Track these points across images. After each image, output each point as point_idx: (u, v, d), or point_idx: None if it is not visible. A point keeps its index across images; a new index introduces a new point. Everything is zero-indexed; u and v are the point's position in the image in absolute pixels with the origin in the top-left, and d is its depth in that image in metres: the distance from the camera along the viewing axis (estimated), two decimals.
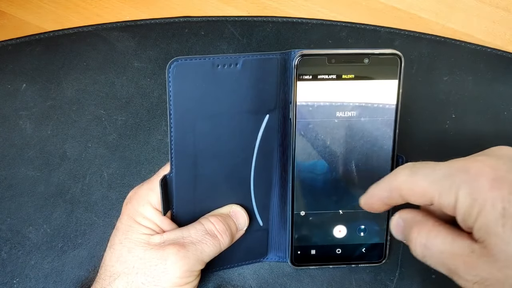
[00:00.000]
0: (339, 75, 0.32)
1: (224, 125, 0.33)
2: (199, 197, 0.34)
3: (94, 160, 0.41)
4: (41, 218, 0.39)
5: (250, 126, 0.33)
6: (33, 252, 0.38)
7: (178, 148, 0.32)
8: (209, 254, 0.32)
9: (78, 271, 0.38)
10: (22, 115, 0.43)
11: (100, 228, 0.39)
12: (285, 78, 0.33)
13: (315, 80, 0.32)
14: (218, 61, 0.31)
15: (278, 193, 0.36)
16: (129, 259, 0.31)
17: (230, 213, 0.35)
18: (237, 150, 0.34)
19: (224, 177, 0.34)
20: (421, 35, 0.46)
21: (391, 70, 0.33)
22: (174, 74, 0.30)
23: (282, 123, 0.34)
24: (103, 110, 0.43)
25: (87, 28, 0.47)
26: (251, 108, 0.33)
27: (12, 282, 0.37)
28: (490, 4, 0.49)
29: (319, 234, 0.36)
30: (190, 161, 0.33)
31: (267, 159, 0.35)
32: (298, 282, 0.38)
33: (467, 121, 0.43)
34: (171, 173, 0.32)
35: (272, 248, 0.38)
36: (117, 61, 0.45)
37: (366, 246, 0.36)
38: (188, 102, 0.31)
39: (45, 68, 0.45)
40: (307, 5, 0.49)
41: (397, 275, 0.38)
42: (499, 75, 0.45)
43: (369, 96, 0.33)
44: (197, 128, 0.32)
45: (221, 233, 0.33)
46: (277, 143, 0.35)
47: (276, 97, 0.33)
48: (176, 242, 0.31)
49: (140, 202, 0.33)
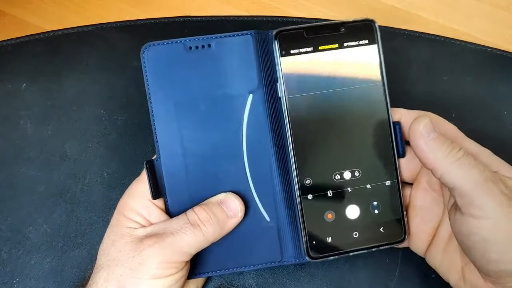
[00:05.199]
0: (320, 46, 0.33)
1: (207, 108, 0.33)
2: (193, 187, 0.33)
3: (94, 160, 0.41)
4: (41, 218, 0.39)
5: (233, 107, 0.33)
6: (33, 252, 0.38)
7: (161, 135, 0.32)
8: (190, 244, 0.31)
9: (78, 271, 0.38)
10: (23, 115, 0.43)
11: (100, 228, 0.39)
12: (264, 57, 0.33)
13: (298, 54, 0.33)
14: (190, 43, 0.32)
15: (279, 179, 0.34)
16: (111, 252, 0.31)
17: (219, 200, 0.33)
18: (225, 134, 0.33)
19: (215, 164, 0.33)
20: (421, 34, 0.46)
21: (369, 36, 0.34)
22: (148, 60, 0.31)
23: (270, 103, 0.34)
24: (103, 110, 0.43)
25: (87, 28, 0.47)
26: (231, 89, 0.33)
27: (12, 282, 0.37)
28: (490, 4, 0.49)
29: (332, 218, 0.34)
30: (177, 147, 0.33)
31: (260, 142, 0.34)
32: (298, 282, 0.38)
33: (467, 121, 0.43)
34: (158, 158, 0.33)
35: (286, 248, 0.34)
36: (117, 61, 0.45)
37: (384, 225, 0.34)
38: (166, 87, 0.32)
39: (45, 68, 0.45)
40: (307, 5, 0.50)
41: (397, 275, 0.38)
42: (499, 75, 0.45)
43: (353, 64, 0.34)
44: (179, 114, 0.32)
45: (204, 222, 0.31)
46: (268, 124, 0.34)
47: (257, 76, 0.33)
48: (155, 233, 0.31)
49: (131, 195, 0.33)
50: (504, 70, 0.45)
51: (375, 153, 0.34)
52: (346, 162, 0.34)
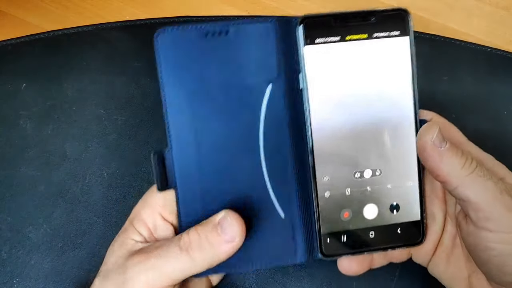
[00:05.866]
0: (348, 36, 0.31)
1: (223, 98, 0.31)
2: (205, 179, 0.31)
3: (94, 160, 0.41)
4: (41, 218, 0.39)
5: (251, 98, 0.31)
6: (33, 252, 0.38)
7: (174, 124, 0.30)
8: (175, 269, 0.28)
9: (78, 271, 0.38)
10: (22, 115, 0.43)
11: (100, 228, 0.39)
12: (286, 46, 0.31)
13: (324, 44, 0.31)
14: (207, 29, 0.30)
15: (296, 175, 0.33)
16: (109, 261, 0.30)
17: (217, 222, 0.29)
18: (241, 126, 0.31)
19: (230, 156, 0.32)
20: (421, 34, 0.46)
21: (400, 27, 0.32)
22: (161, 45, 0.29)
23: (289, 94, 0.32)
24: (103, 110, 0.43)
25: (87, 28, 0.47)
26: (250, 78, 0.31)
27: (12, 282, 0.37)
28: (490, 4, 0.49)
29: (348, 217, 0.33)
30: (190, 138, 0.31)
31: (278, 135, 0.32)
32: (298, 282, 0.38)
33: (467, 121, 0.43)
34: (169, 149, 0.31)
35: (301, 245, 0.33)
36: (117, 61, 0.45)
37: (401, 226, 0.33)
38: (180, 75, 0.30)
39: (45, 68, 0.45)
40: (307, 5, 0.50)
41: (397, 275, 0.38)
42: (499, 75, 0.45)
43: (382, 57, 0.32)
44: (193, 102, 0.30)
45: (193, 247, 0.28)
46: (286, 116, 0.32)
47: (277, 65, 0.31)
48: (144, 251, 0.29)
49: (144, 205, 0.32)
50: (504, 70, 0.45)
51: (399, 152, 0.32)
52: (368, 160, 0.32)
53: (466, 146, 0.31)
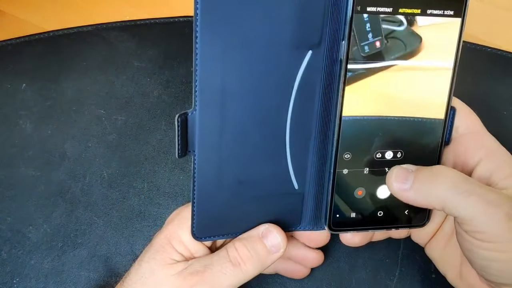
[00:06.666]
0: (401, 8, 0.30)
1: (259, 58, 0.29)
2: (225, 143, 0.30)
3: (94, 160, 0.41)
4: (41, 218, 0.39)
5: (288, 62, 0.29)
6: (33, 252, 0.38)
7: (203, 80, 0.28)
8: (231, 284, 0.30)
9: (78, 271, 0.38)
10: (22, 115, 0.43)
11: (100, 228, 0.39)
12: (333, 11, 0.29)
13: (375, 14, 0.29)
14: None
15: (317, 148, 0.32)
16: (149, 282, 0.30)
17: (260, 234, 0.31)
18: (272, 90, 0.30)
19: (255, 122, 0.30)
20: None
21: (455, 8, 0.30)
22: None
23: (328, 64, 0.30)
24: (103, 110, 0.43)
25: (87, 28, 0.47)
26: (291, 40, 0.29)
27: (12, 282, 0.37)
28: (491, 4, 0.49)
29: (362, 195, 0.33)
30: (217, 98, 0.29)
31: (307, 106, 0.31)
32: (298, 282, 0.38)
33: None
34: (194, 110, 0.29)
35: (306, 215, 0.33)
36: (117, 61, 0.45)
37: (410, 208, 0.33)
38: (218, 25, 0.27)
39: (45, 68, 0.45)
40: None
41: (397, 275, 0.38)
42: (499, 75, 0.45)
43: (431, 35, 0.30)
44: (227, 58, 0.28)
45: (244, 261, 0.30)
46: (319, 88, 0.30)
47: (321, 30, 0.29)
48: (196, 271, 0.30)
49: (181, 225, 0.32)
50: (504, 70, 0.45)
51: (423, 136, 0.32)
52: (391, 142, 0.32)
53: (482, 136, 0.31)
